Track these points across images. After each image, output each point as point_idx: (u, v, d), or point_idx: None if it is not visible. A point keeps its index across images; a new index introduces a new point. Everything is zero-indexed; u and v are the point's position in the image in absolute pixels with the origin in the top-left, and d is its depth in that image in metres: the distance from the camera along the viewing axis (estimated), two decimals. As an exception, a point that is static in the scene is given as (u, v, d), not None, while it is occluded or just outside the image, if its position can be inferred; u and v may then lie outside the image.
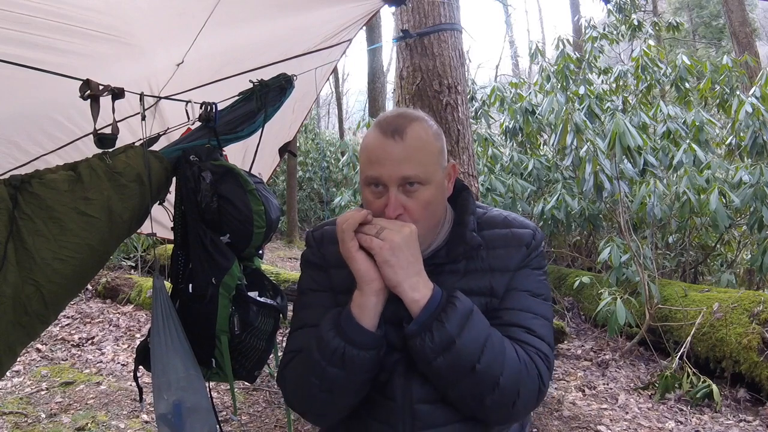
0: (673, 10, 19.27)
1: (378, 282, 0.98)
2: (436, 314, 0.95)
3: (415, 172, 1.01)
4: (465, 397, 0.99)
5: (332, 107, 22.74)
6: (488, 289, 1.06)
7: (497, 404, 0.98)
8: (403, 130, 1.02)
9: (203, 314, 1.61)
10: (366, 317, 0.98)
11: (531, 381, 0.99)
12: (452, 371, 0.96)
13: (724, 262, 5.64)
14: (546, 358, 1.03)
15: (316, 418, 1.12)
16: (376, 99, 10.25)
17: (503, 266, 1.07)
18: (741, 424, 3.24)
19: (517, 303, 1.06)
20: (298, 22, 2.07)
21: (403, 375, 1.03)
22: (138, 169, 1.56)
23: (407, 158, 1.00)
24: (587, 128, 4.98)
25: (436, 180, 1.04)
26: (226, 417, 3.16)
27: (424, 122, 1.06)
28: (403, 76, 3.39)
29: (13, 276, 1.38)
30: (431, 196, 1.03)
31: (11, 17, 1.34)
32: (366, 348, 0.98)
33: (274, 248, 10.00)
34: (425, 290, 0.98)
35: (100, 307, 5.49)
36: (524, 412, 1.04)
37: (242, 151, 2.35)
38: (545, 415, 3.37)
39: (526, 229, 1.11)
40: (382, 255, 0.95)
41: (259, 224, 1.63)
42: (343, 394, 1.02)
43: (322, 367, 0.99)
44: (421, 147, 1.03)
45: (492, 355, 0.96)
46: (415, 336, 0.96)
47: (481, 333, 0.97)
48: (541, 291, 1.09)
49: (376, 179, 1.02)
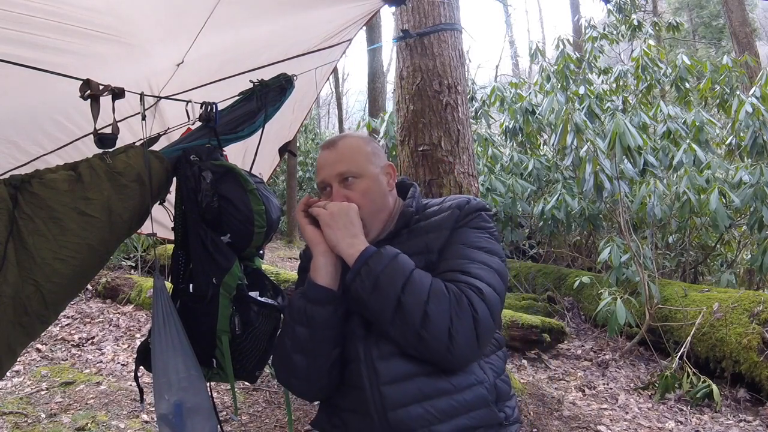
0: (673, 10, 19.28)
1: (322, 244, 1.19)
2: (365, 261, 1.13)
3: (347, 167, 1.25)
4: (403, 334, 1.10)
5: (332, 107, 22.75)
6: (424, 247, 1.23)
7: (433, 335, 1.07)
8: (337, 140, 1.30)
9: (204, 314, 1.60)
10: (319, 275, 1.18)
11: (463, 311, 1.08)
12: (383, 306, 1.10)
13: (724, 262, 5.65)
14: (479, 291, 1.11)
15: (297, 385, 1.24)
16: (376, 99, 10.24)
17: (437, 227, 1.25)
18: (741, 424, 3.24)
19: (452, 253, 1.20)
20: (298, 22, 2.07)
21: (362, 337, 1.18)
22: (138, 169, 1.56)
23: (339, 159, 1.26)
24: (587, 128, 4.98)
25: (369, 173, 1.27)
26: (226, 417, 3.16)
27: (356, 136, 1.35)
28: (403, 76, 3.39)
29: (13, 276, 1.37)
30: (367, 186, 1.25)
31: (11, 17, 1.34)
32: (321, 303, 1.16)
33: (274, 248, 10.00)
34: (360, 246, 1.16)
35: (100, 307, 5.49)
36: (466, 345, 1.09)
37: (242, 151, 2.35)
38: (545, 415, 3.37)
39: (460, 198, 1.29)
40: (324, 219, 1.19)
41: (259, 224, 1.63)
42: (312, 353, 1.17)
43: (291, 327, 1.19)
44: (350, 149, 1.28)
45: (414, 287, 1.09)
46: (351, 282, 1.14)
47: (404, 270, 1.12)
48: (480, 244, 1.22)
49: (322, 182, 1.28)
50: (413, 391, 1.11)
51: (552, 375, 4.10)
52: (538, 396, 3.60)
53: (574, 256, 6.68)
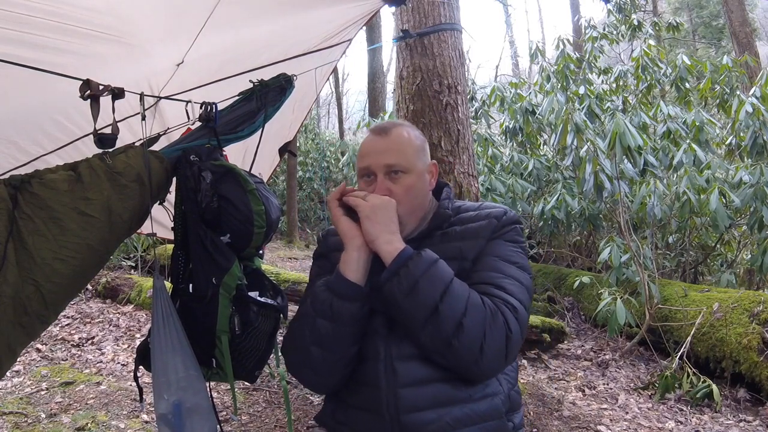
0: (673, 10, 19.27)
1: (359, 238, 1.15)
2: (405, 261, 1.10)
3: (397, 160, 1.21)
4: (434, 340, 1.08)
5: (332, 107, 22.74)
6: (458, 253, 1.20)
7: (464, 346, 1.06)
8: (390, 129, 1.25)
9: (203, 314, 1.60)
10: (349, 270, 1.14)
11: (497, 327, 1.08)
12: (418, 311, 1.07)
13: (724, 262, 5.65)
14: (513, 309, 1.11)
15: (311, 377, 1.22)
16: (376, 99, 10.25)
17: (473, 235, 1.22)
18: (741, 424, 3.24)
19: (487, 265, 1.18)
20: (298, 22, 2.07)
21: (384, 336, 1.16)
22: (138, 169, 1.56)
23: (390, 149, 1.22)
24: (587, 128, 4.98)
25: (416, 170, 1.23)
26: (226, 417, 3.16)
27: (408, 127, 1.29)
28: (403, 76, 3.39)
29: (13, 276, 1.37)
30: (412, 183, 1.22)
31: (11, 17, 1.34)
32: (350, 299, 1.13)
33: (274, 248, 10.00)
34: (398, 244, 1.13)
35: (100, 307, 5.49)
36: (495, 360, 1.09)
37: (242, 151, 2.35)
38: (545, 415, 3.37)
39: (497, 208, 1.27)
40: (365, 211, 1.14)
41: (259, 224, 1.62)
42: (332, 347, 1.14)
43: (313, 318, 1.14)
44: (402, 142, 1.24)
45: (454, 297, 1.07)
46: (387, 281, 1.10)
47: (444, 277, 1.09)
48: (514, 259, 1.20)
49: (366, 168, 1.23)
50: (430, 396, 1.10)
51: (552, 375, 4.10)
52: (538, 396, 3.60)
53: (574, 256, 6.68)
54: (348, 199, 1.18)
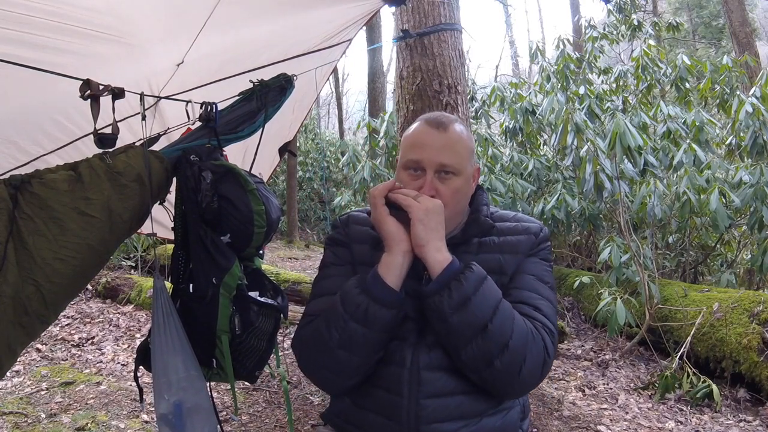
0: (673, 10, 19.28)
1: (406, 243, 1.08)
2: (455, 275, 1.04)
3: (451, 161, 1.14)
4: (476, 358, 1.04)
5: (332, 107, 22.74)
6: (498, 267, 1.16)
7: (505, 367, 1.04)
8: (447, 124, 1.17)
9: (204, 314, 1.60)
10: (391, 276, 1.07)
11: (537, 350, 1.06)
12: (467, 328, 1.03)
13: (724, 262, 5.64)
14: (551, 334, 1.10)
15: (329, 378, 1.15)
16: (376, 99, 10.24)
17: (513, 249, 1.18)
18: (741, 424, 3.24)
19: (525, 284, 1.15)
20: (298, 22, 2.07)
21: (413, 344, 1.11)
22: (138, 169, 1.56)
23: (447, 147, 1.14)
24: (587, 128, 4.98)
25: (465, 173, 1.17)
26: (226, 417, 3.16)
27: (465, 126, 1.23)
28: (403, 76, 3.39)
29: (13, 276, 1.37)
30: (460, 186, 1.16)
31: (11, 17, 1.34)
32: (388, 305, 1.06)
33: (274, 248, 10.00)
34: (447, 254, 1.07)
35: (100, 307, 5.49)
36: (529, 383, 1.09)
37: (242, 151, 2.35)
38: (545, 415, 3.37)
39: (534, 223, 1.24)
40: (418, 214, 1.06)
41: (259, 224, 1.62)
42: (360, 351, 1.08)
43: (344, 320, 1.07)
44: (460, 141, 1.17)
45: (503, 317, 1.04)
46: (434, 294, 1.05)
47: (494, 296, 1.06)
48: (547, 279, 1.19)
49: (417, 162, 1.15)
50: (451, 409, 1.08)
51: (552, 375, 4.10)
52: (538, 396, 3.60)
53: (574, 256, 6.68)
54: (397, 197, 1.09)
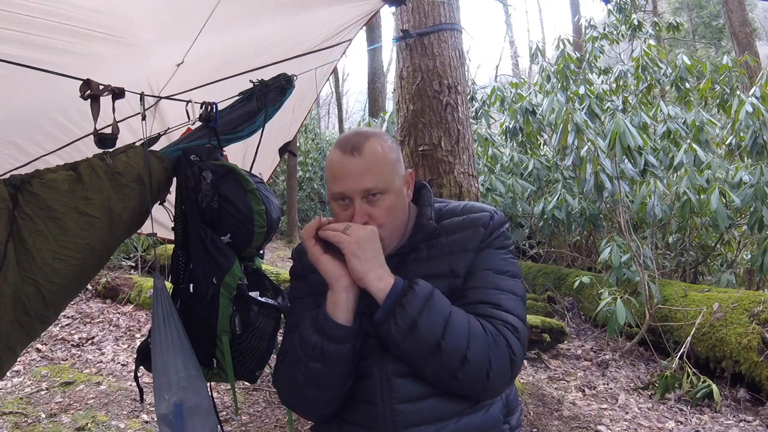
0: (673, 10, 19.27)
1: (345, 278, 1.06)
2: (398, 300, 1.03)
3: (375, 183, 1.09)
4: (438, 374, 1.04)
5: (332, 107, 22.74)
6: (449, 271, 1.12)
7: (470, 378, 1.03)
8: (361, 146, 1.10)
9: (204, 314, 1.60)
10: (339, 312, 1.06)
11: (500, 352, 1.04)
12: (420, 350, 1.03)
13: (724, 262, 5.65)
14: (514, 329, 1.07)
15: (308, 412, 1.19)
16: (376, 99, 10.24)
17: (461, 248, 1.14)
18: (741, 424, 3.24)
19: (481, 281, 1.12)
20: (299, 22, 2.07)
21: (379, 353, 1.10)
22: (138, 169, 1.56)
23: (366, 171, 1.09)
24: (588, 128, 4.98)
25: (394, 188, 1.12)
26: (226, 417, 3.16)
27: (380, 137, 1.15)
28: (403, 76, 3.39)
29: (13, 276, 1.37)
30: (392, 203, 1.12)
31: (11, 17, 1.34)
32: (341, 341, 1.06)
33: (274, 248, 9.99)
34: (389, 279, 1.06)
35: (100, 307, 5.49)
36: (501, 384, 1.08)
37: (242, 151, 2.35)
38: (545, 415, 3.37)
39: (483, 212, 1.18)
40: (350, 248, 1.04)
41: (259, 224, 1.62)
42: (328, 387, 1.09)
43: (304, 363, 1.08)
44: (378, 160, 1.11)
45: (455, 331, 1.02)
46: (382, 323, 1.04)
47: (442, 312, 1.04)
48: (506, 268, 1.14)
49: (342, 194, 1.11)
50: (425, 412, 1.08)
51: (552, 375, 4.10)
52: (538, 396, 3.60)
53: (574, 256, 6.69)
54: (326, 234, 1.07)
